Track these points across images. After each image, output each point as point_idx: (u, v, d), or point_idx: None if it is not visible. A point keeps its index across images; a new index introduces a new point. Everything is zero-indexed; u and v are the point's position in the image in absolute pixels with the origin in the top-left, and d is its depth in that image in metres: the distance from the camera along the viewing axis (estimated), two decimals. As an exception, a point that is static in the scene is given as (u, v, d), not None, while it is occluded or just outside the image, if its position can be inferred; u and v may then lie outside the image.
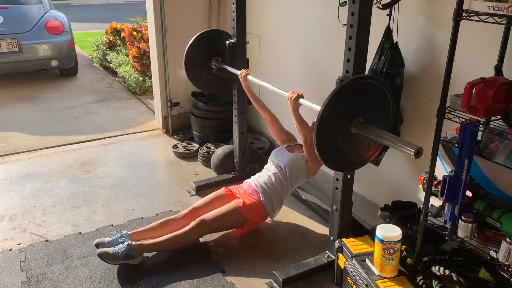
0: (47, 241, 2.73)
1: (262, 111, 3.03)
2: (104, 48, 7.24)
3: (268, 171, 2.80)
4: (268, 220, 2.79)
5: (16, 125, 4.65)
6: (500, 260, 1.70)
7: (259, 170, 2.94)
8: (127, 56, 6.30)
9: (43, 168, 3.71)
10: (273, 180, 2.73)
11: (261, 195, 2.69)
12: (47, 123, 4.73)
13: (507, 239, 1.66)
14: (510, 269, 1.69)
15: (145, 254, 2.54)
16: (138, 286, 2.35)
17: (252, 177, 2.86)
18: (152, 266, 2.50)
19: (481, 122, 1.76)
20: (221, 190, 2.82)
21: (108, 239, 2.47)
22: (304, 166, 2.73)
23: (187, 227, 2.53)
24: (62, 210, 3.08)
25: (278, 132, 3.02)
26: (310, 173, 2.77)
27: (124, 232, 2.51)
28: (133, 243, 2.44)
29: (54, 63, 6.04)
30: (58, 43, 6.05)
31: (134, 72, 5.98)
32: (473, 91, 1.65)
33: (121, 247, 2.40)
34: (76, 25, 8.40)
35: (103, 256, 2.38)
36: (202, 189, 3.31)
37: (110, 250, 2.40)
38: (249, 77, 2.93)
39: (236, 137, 3.37)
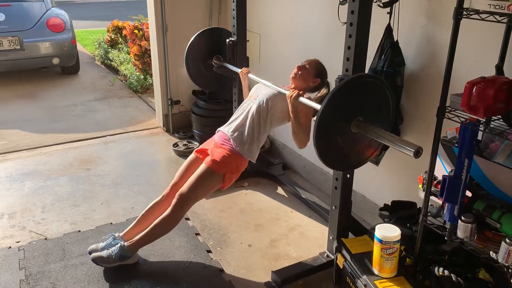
0: (46, 239, 2.73)
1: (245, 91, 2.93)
2: (106, 46, 7.24)
3: (244, 109, 2.57)
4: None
5: (17, 123, 4.65)
6: (499, 261, 1.69)
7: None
8: (129, 54, 6.30)
9: (44, 166, 3.71)
10: (250, 117, 2.50)
11: (232, 142, 2.48)
12: (48, 121, 4.74)
13: (507, 240, 1.64)
14: (509, 270, 1.68)
15: (142, 254, 2.54)
16: (137, 285, 2.34)
17: (225, 124, 2.64)
18: (151, 265, 2.50)
19: (482, 121, 1.74)
20: (192, 155, 2.61)
21: (101, 244, 2.45)
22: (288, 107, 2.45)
23: (169, 208, 2.37)
24: (62, 208, 3.08)
25: None
26: (292, 119, 2.49)
27: (117, 234, 2.49)
28: (125, 243, 2.41)
29: (55, 61, 6.04)
30: (59, 41, 6.05)
31: (136, 70, 5.98)
32: (474, 91, 1.64)
33: (114, 249, 2.38)
34: (78, 23, 8.40)
35: (98, 261, 2.36)
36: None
37: (104, 253, 2.38)
38: (249, 75, 2.92)
39: (236, 135, 3.35)
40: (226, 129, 2.57)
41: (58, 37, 6.05)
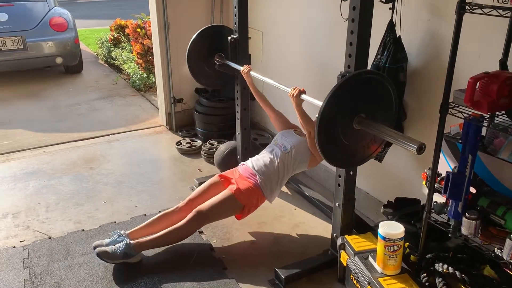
0: (50, 238, 2.74)
1: (266, 108, 2.99)
2: (109, 45, 7.25)
3: (270, 152, 2.70)
4: (266, 201, 2.66)
5: (21, 123, 4.67)
6: (504, 257, 1.68)
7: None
8: (132, 52, 6.30)
9: (47, 165, 3.72)
10: (275, 161, 2.63)
11: (257, 178, 2.59)
12: (52, 120, 4.75)
13: (512, 237, 1.63)
14: (514, 267, 1.66)
15: (146, 252, 2.54)
16: (140, 283, 2.34)
17: (250, 159, 2.76)
18: (154, 263, 2.50)
19: (485, 117, 1.73)
20: (215, 178, 2.73)
21: (106, 240, 2.46)
22: (309, 152, 2.64)
23: (184, 220, 2.47)
24: (66, 207, 3.09)
25: (285, 127, 2.94)
26: (313, 161, 2.69)
27: (122, 232, 2.50)
28: (132, 241, 2.43)
29: (58, 60, 6.05)
30: (62, 40, 6.05)
31: (139, 68, 5.98)
32: (477, 86, 1.62)
33: (119, 246, 2.40)
34: (80, 22, 8.41)
35: (102, 255, 2.37)
36: (205, 185, 3.29)
37: (108, 249, 2.39)
38: (251, 73, 2.91)
39: (239, 133, 3.35)
40: (251, 165, 2.69)
41: (61, 36, 6.05)
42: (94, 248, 2.41)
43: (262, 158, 2.70)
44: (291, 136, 2.76)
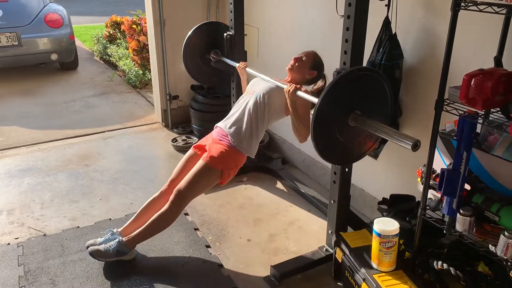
0: (45, 235, 2.72)
1: None
2: (105, 41, 7.21)
3: (241, 104, 2.55)
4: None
5: (16, 119, 4.64)
6: (498, 254, 1.68)
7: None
8: (127, 49, 6.27)
9: (42, 162, 3.70)
10: (247, 113, 2.48)
11: (230, 138, 2.46)
12: (47, 117, 4.73)
13: (506, 233, 1.64)
14: (508, 263, 1.67)
15: (141, 250, 2.53)
16: (136, 280, 2.34)
17: (223, 119, 2.62)
18: (150, 260, 2.50)
19: (480, 114, 1.73)
20: (190, 150, 2.61)
21: (99, 239, 2.44)
22: (285, 101, 2.43)
23: (167, 204, 2.37)
24: (61, 204, 3.08)
25: None
26: (290, 113, 2.46)
27: (115, 230, 2.48)
28: (123, 238, 2.41)
29: (53, 56, 6.01)
30: (57, 36, 6.01)
31: (134, 65, 5.96)
32: (472, 83, 1.62)
33: (112, 244, 2.38)
34: (76, 19, 8.36)
35: (95, 254, 2.36)
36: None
37: (101, 247, 2.37)
38: (247, 69, 2.90)
39: (234, 130, 3.34)
40: (223, 125, 2.56)
41: (56, 32, 6.01)
42: (87, 247, 2.40)
43: (233, 114, 2.56)
44: (263, 83, 2.59)
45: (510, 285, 1.79)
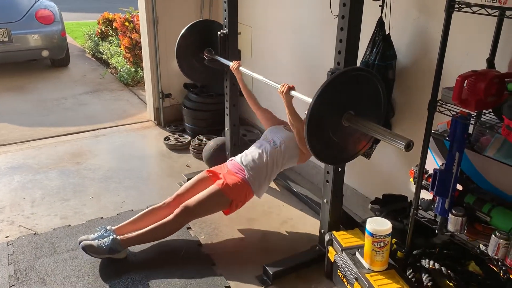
0: (35, 233, 2.70)
1: (254, 106, 2.98)
2: (96, 38, 7.16)
3: (259, 148, 2.69)
4: (254, 197, 2.64)
5: (6, 116, 4.59)
6: (489, 254, 1.70)
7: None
8: (119, 46, 6.23)
9: (33, 160, 3.67)
10: (264, 156, 2.62)
11: (246, 173, 2.58)
12: (38, 114, 4.68)
13: (497, 233, 1.65)
14: (499, 263, 1.69)
15: (133, 248, 2.52)
16: (127, 279, 2.33)
17: (238, 155, 2.74)
18: (142, 259, 2.48)
19: (473, 115, 1.74)
20: (204, 173, 2.71)
21: (92, 236, 2.43)
22: (299, 148, 2.64)
23: (171, 216, 2.45)
24: (51, 203, 3.05)
25: (274, 124, 2.92)
26: (302, 157, 2.70)
27: (109, 227, 2.47)
28: (118, 237, 2.41)
29: (45, 53, 5.96)
30: (49, 33, 5.95)
31: (126, 63, 5.92)
32: (465, 84, 1.63)
33: (105, 241, 2.37)
34: (67, 15, 8.27)
35: (87, 249, 2.35)
36: (194, 181, 3.28)
37: (94, 243, 2.37)
38: (241, 68, 2.90)
39: (228, 129, 3.34)
40: (240, 160, 2.67)
41: (47, 29, 5.95)
42: (80, 242, 2.38)
43: (251, 153, 2.69)
44: (281, 132, 2.76)
45: (500, 285, 1.81)
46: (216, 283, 2.32)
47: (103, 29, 7.11)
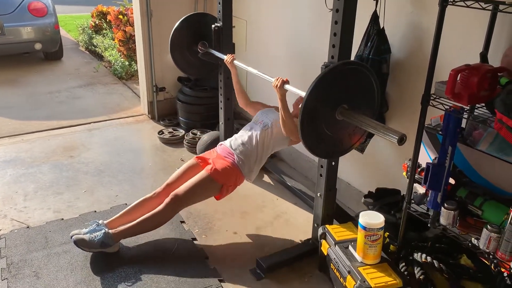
0: (28, 227, 2.69)
1: (243, 103, 2.97)
2: (90, 31, 7.10)
3: (249, 130, 2.65)
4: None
5: (-2, 110, 4.56)
6: (481, 247, 1.71)
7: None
8: (113, 40, 6.19)
9: (26, 154, 3.64)
10: (254, 139, 2.58)
11: (235, 157, 2.55)
12: (30, 108, 4.64)
13: (488, 227, 1.66)
14: (490, 256, 1.70)
15: (127, 242, 2.51)
16: (121, 273, 2.32)
17: (228, 139, 2.71)
18: (135, 253, 2.48)
19: (465, 109, 1.75)
20: (193, 160, 2.67)
21: (84, 230, 2.42)
22: None
23: (162, 205, 2.42)
24: (45, 196, 3.04)
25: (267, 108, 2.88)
26: (293, 140, 2.62)
27: (100, 221, 2.46)
28: (110, 231, 2.39)
29: (37, 46, 5.90)
30: (42, 25, 5.89)
31: (120, 56, 5.88)
32: (458, 78, 1.64)
33: (97, 235, 2.36)
34: (61, 8, 8.19)
35: (79, 243, 2.33)
36: (187, 175, 3.27)
37: (86, 237, 2.35)
38: (235, 62, 2.89)
39: (222, 123, 3.33)
40: (229, 144, 2.65)
41: (40, 21, 5.89)
42: (71, 236, 2.37)
43: (241, 136, 2.65)
44: (272, 113, 2.71)
45: (491, 278, 1.82)
46: (209, 276, 2.33)
47: (97, 22, 7.05)
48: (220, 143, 2.74)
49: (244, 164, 2.56)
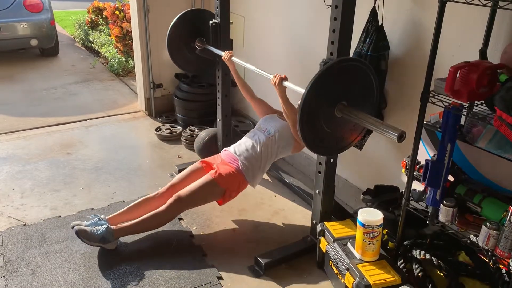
0: (25, 225, 2.67)
1: (247, 95, 2.97)
2: (86, 27, 7.06)
3: (252, 137, 2.69)
4: (249, 186, 2.64)
5: (-6, 106, 4.53)
6: (479, 244, 1.71)
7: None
8: (110, 36, 6.15)
9: (22, 150, 3.62)
10: (258, 146, 2.61)
11: (239, 163, 2.58)
12: (27, 104, 4.62)
13: (487, 224, 1.66)
14: (489, 253, 1.70)
15: (125, 239, 2.51)
16: (119, 270, 2.32)
17: (232, 145, 2.74)
18: (134, 250, 2.47)
19: (465, 106, 1.75)
20: (197, 164, 2.71)
21: (85, 223, 2.41)
22: (293, 137, 2.62)
23: (164, 206, 2.44)
24: (42, 193, 3.02)
25: (268, 113, 2.91)
26: (297, 147, 2.68)
27: (102, 216, 2.46)
28: (112, 227, 2.39)
29: (33, 42, 5.87)
30: (37, 21, 5.86)
31: (117, 52, 5.85)
32: (457, 75, 1.63)
33: (99, 229, 2.35)
34: (57, 4, 8.15)
35: (80, 234, 2.32)
36: (185, 172, 3.26)
37: (88, 228, 2.35)
38: (233, 58, 2.87)
39: (220, 120, 3.32)
40: (233, 150, 2.68)
41: (36, 17, 5.86)
42: (73, 227, 2.35)
43: (245, 143, 2.68)
44: (275, 121, 2.75)
45: (490, 274, 1.83)
46: (208, 273, 2.32)
47: (93, 18, 7.01)
48: (224, 149, 2.76)
49: (248, 170, 2.58)
